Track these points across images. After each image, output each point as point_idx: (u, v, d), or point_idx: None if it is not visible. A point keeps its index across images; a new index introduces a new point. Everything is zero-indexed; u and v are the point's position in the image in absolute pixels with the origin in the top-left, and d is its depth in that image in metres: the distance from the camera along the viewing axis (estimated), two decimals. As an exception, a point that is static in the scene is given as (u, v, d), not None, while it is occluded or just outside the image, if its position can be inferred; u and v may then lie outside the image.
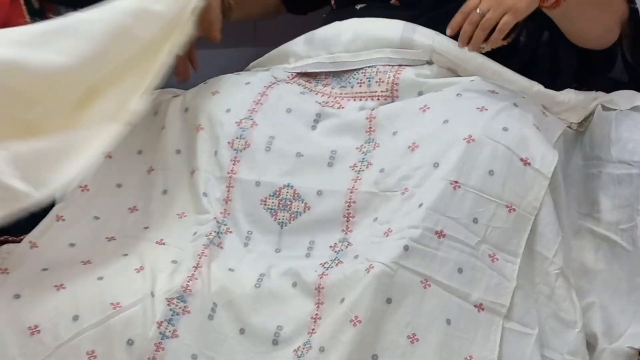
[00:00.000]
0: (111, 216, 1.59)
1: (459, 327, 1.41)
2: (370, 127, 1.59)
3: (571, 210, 1.59)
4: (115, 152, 1.60)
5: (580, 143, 1.66)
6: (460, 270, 1.42)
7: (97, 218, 1.58)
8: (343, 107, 1.65)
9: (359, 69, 1.68)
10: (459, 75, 1.66)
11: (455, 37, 1.59)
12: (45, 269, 1.48)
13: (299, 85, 1.72)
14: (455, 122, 1.51)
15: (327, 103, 1.66)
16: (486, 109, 1.52)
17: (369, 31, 1.70)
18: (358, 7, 1.81)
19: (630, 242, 1.53)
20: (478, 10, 1.52)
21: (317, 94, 1.70)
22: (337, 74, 1.71)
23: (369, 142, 1.58)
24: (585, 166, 1.63)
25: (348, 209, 1.51)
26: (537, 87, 1.66)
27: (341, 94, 1.68)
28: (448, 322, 1.40)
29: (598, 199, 1.59)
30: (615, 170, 1.57)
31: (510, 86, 1.63)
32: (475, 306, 1.42)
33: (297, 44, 1.77)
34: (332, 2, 1.88)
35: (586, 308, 1.52)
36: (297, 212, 1.54)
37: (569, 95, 1.67)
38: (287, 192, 1.55)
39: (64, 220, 1.56)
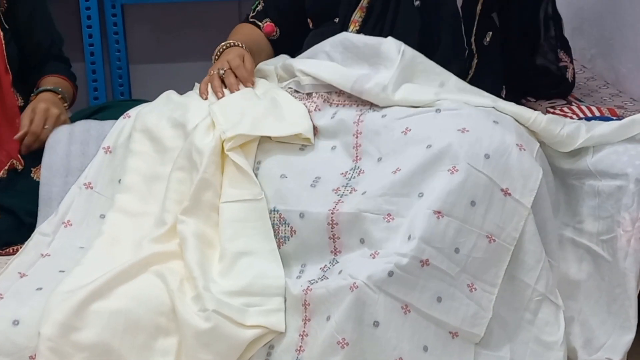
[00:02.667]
0: None
1: (436, 353, 1.45)
2: (357, 156, 1.60)
3: (554, 220, 1.59)
4: (96, 183, 1.65)
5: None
6: (439, 300, 1.45)
7: (82, 248, 1.60)
8: (320, 110, 1.67)
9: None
10: None
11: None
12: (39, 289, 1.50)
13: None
14: (437, 147, 1.51)
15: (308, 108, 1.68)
16: (467, 130, 1.52)
17: (325, 76, 1.69)
18: (336, 20, 1.82)
19: (611, 253, 1.54)
20: None
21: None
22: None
23: (354, 170, 1.59)
24: (568, 176, 1.63)
25: (332, 230, 1.52)
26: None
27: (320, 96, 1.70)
28: (425, 348, 1.44)
29: (580, 209, 1.61)
30: (597, 182, 1.58)
31: None
32: (450, 333, 1.46)
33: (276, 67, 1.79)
34: (310, 25, 1.88)
35: (566, 322, 1.53)
36: (284, 237, 1.56)
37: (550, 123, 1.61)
38: (274, 217, 1.57)
39: (49, 255, 1.59)
